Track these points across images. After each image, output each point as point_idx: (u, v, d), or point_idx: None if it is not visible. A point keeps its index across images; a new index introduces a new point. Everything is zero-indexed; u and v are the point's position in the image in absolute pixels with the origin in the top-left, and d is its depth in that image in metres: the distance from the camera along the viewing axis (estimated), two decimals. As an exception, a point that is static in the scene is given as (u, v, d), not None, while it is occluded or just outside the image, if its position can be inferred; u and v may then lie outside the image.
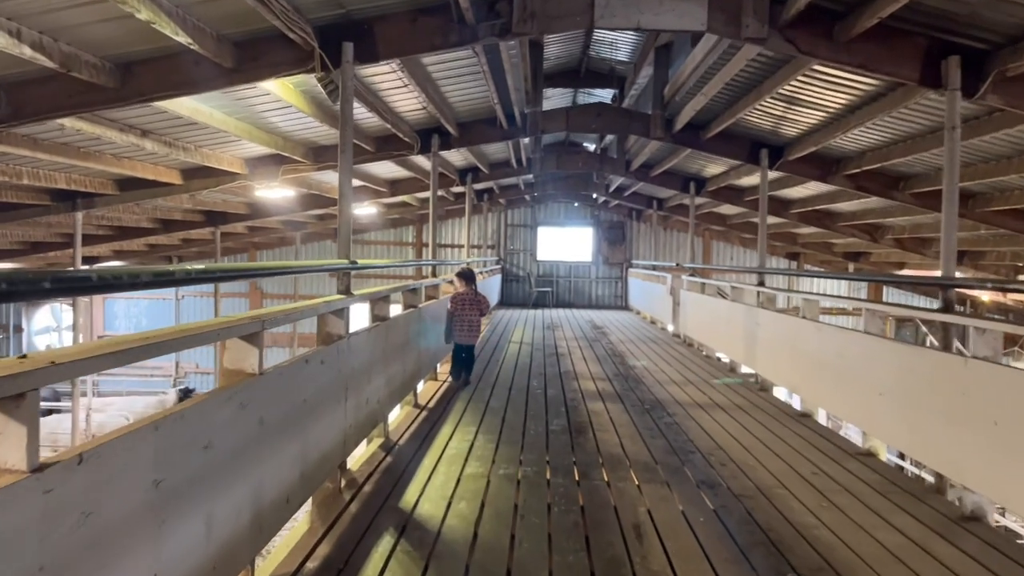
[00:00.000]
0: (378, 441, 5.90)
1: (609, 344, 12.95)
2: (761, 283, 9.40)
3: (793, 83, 7.21)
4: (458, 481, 4.91)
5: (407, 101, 8.35)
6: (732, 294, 10.19)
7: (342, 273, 5.10)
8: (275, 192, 10.11)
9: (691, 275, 13.43)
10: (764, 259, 9.78)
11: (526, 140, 11.00)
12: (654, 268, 17.99)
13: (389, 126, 8.52)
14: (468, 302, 8.46)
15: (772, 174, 10.00)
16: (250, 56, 5.46)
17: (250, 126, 7.96)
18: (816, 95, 7.68)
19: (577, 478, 5.06)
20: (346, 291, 5.08)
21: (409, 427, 6.57)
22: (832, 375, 6.65)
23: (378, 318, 5.96)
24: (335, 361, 4.44)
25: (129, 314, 22.68)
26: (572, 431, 6.48)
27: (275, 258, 22.04)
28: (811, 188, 11.96)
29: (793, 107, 8.25)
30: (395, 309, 6.75)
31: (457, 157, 12.64)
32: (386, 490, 4.67)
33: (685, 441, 6.24)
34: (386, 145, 9.59)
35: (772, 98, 8.00)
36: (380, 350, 5.78)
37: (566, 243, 22.33)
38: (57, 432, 16.47)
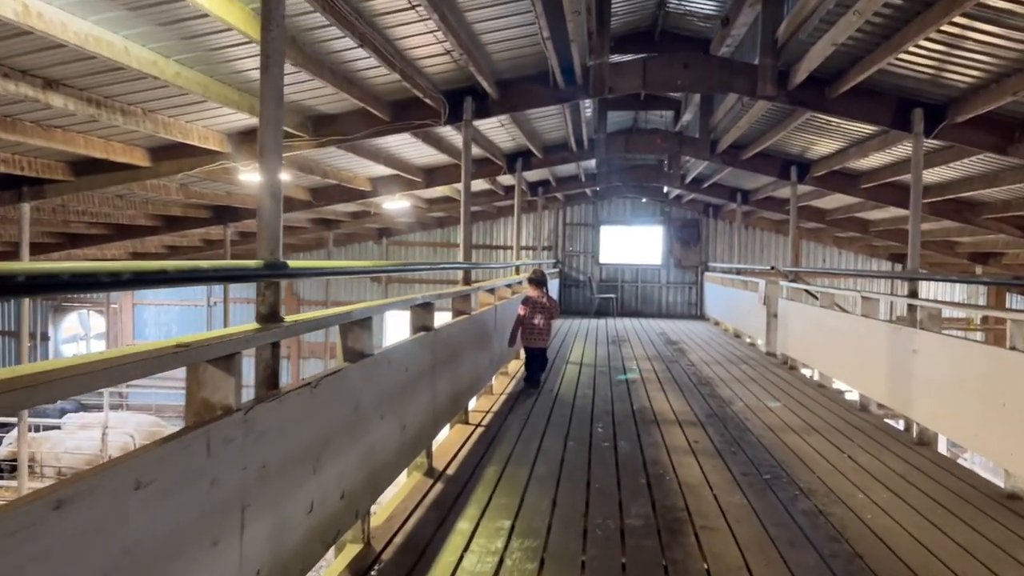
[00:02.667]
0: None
1: (690, 366, 10.47)
2: (913, 293, 6.82)
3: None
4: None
5: (425, 42, 6.13)
6: (863, 307, 7.61)
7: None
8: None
9: (792, 280, 10.84)
10: (916, 261, 7.19)
11: (588, 110, 8.70)
12: (738, 272, 15.35)
13: (405, 83, 6.30)
14: (538, 307, 8.02)
15: (927, 144, 7.35)
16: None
17: (212, 80, 5.85)
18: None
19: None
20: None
21: (402, 525, 4.28)
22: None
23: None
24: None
25: (159, 321, 21.23)
26: (660, 530, 4.11)
27: (306, 260, 20.20)
28: (956, 169, 9.25)
29: (971, 39, 5.69)
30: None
31: (502, 135, 10.37)
32: None
33: (851, 557, 3.79)
34: (405, 112, 7.40)
35: (943, 31, 5.50)
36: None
37: (632, 244, 19.83)
38: (58, 451, 14.88)
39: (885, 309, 17.11)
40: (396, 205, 13.32)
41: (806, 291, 10.20)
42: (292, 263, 2.96)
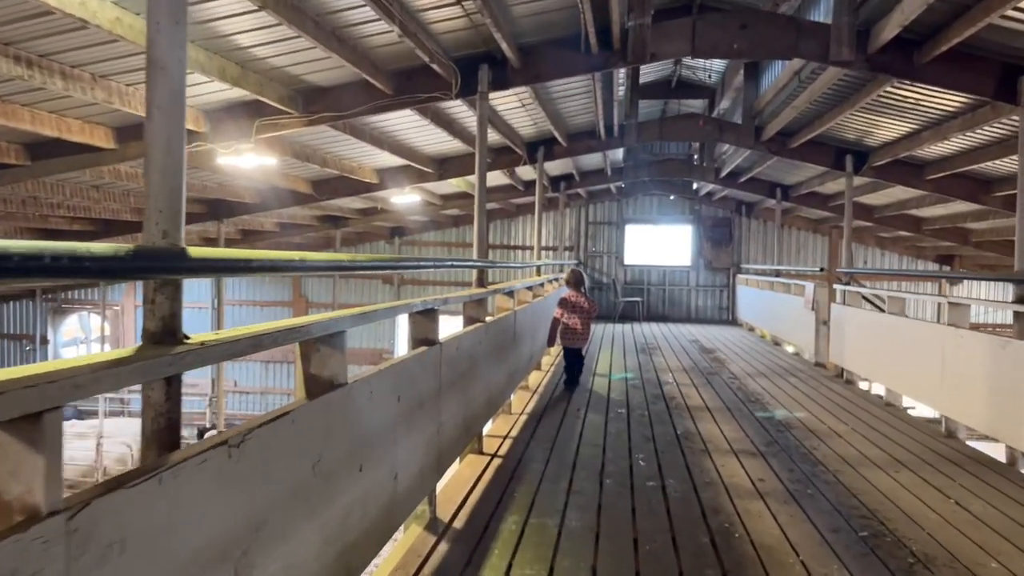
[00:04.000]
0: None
1: (733, 379, 9.31)
2: (1021, 299, 5.64)
3: None
4: None
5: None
6: (951, 315, 6.43)
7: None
8: (246, 160, 6.95)
9: (847, 283, 9.64)
10: None
11: (621, 88, 7.58)
12: (777, 274, 14.14)
13: (408, 41, 5.21)
14: (576, 308, 7.92)
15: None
16: None
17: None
18: None
19: None
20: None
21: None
22: None
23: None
24: None
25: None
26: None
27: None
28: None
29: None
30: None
31: (522, 118, 9.27)
32: None
33: None
34: (410, 84, 6.33)
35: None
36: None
37: (659, 244, 18.66)
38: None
39: (932, 313, 15.81)
40: (406, 199, 12.24)
41: (866, 298, 9.01)
42: (197, 251, 1.86)
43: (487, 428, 6.09)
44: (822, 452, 5.79)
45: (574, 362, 8.28)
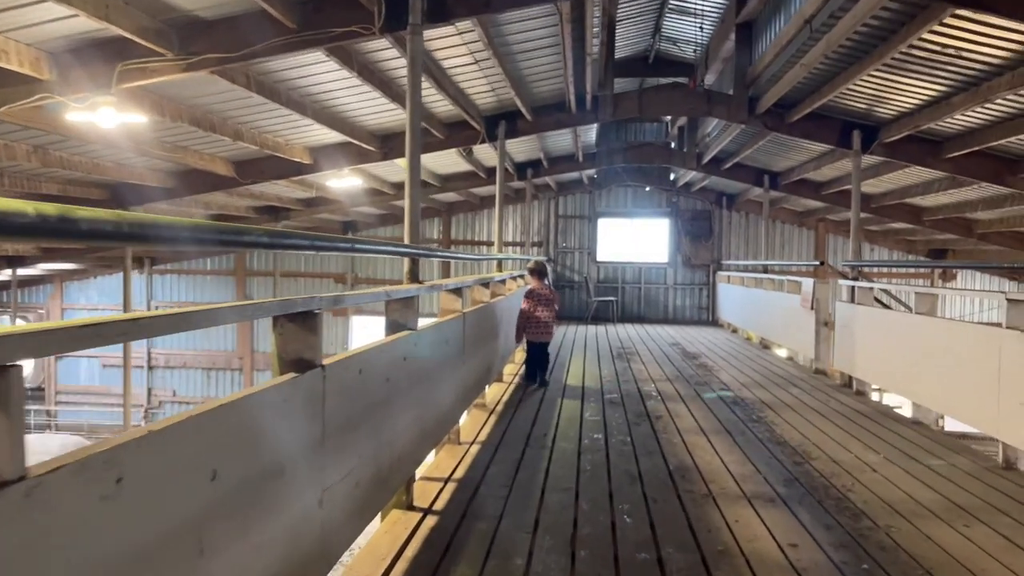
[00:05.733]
0: None
1: (724, 388, 7.98)
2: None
3: None
4: None
5: None
6: (1011, 315, 5.11)
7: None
8: (103, 116, 5.36)
9: (855, 279, 8.34)
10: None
11: (595, 43, 6.15)
12: (765, 270, 12.86)
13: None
14: (542, 299, 7.60)
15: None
16: None
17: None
18: None
19: None
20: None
21: None
22: None
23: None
24: None
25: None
26: None
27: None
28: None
29: None
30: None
31: (478, 82, 7.78)
32: None
33: None
34: (319, 16, 4.82)
35: None
36: None
37: (635, 239, 17.31)
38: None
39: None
40: (345, 184, 10.67)
41: (879, 300, 7.73)
42: None
43: (425, 464, 4.66)
44: (860, 495, 4.43)
45: (541, 357, 7.80)
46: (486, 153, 11.48)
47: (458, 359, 5.27)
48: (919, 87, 6.95)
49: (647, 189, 17.03)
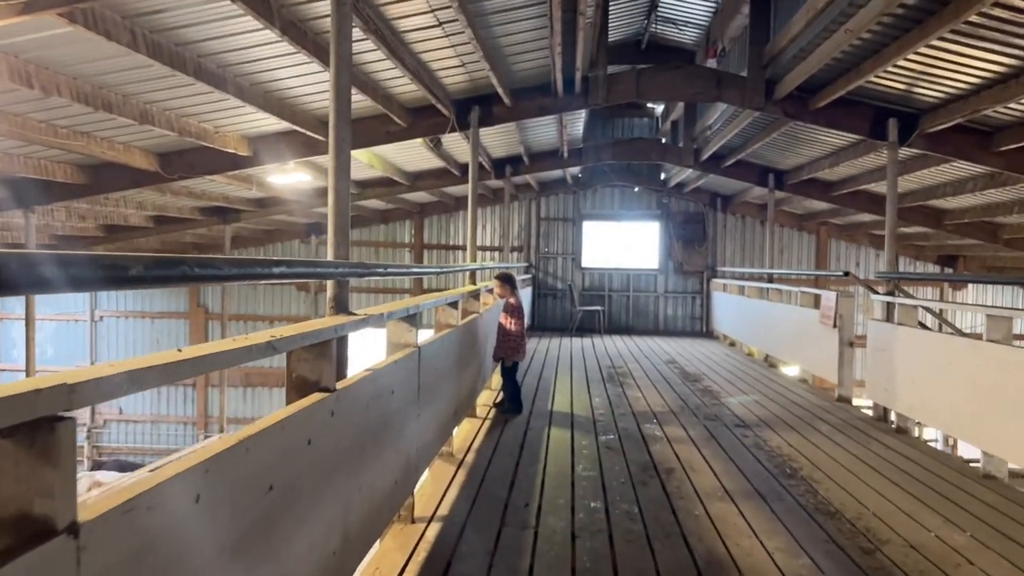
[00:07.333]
0: None
1: (740, 427, 6.68)
2: None
3: None
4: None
5: None
6: None
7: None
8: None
9: (890, 293, 7.07)
10: None
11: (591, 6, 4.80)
12: (771, 279, 11.60)
13: None
14: (516, 311, 6.84)
15: None
16: None
17: None
18: None
19: None
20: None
21: None
22: None
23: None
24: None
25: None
26: None
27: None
28: None
29: None
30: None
31: (445, 53, 6.38)
32: None
33: None
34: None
35: None
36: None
37: (622, 244, 16.00)
38: None
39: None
40: (290, 179, 9.18)
41: (923, 323, 6.47)
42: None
43: (363, 564, 3.30)
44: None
45: (512, 379, 7.01)
46: (459, 147, 10.11)
47: (411, 409, 3.90)
48: (978, 65, 5.67)
49: (636, 189, 15.73)
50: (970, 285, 14.90)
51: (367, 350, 5.13)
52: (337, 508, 2.66)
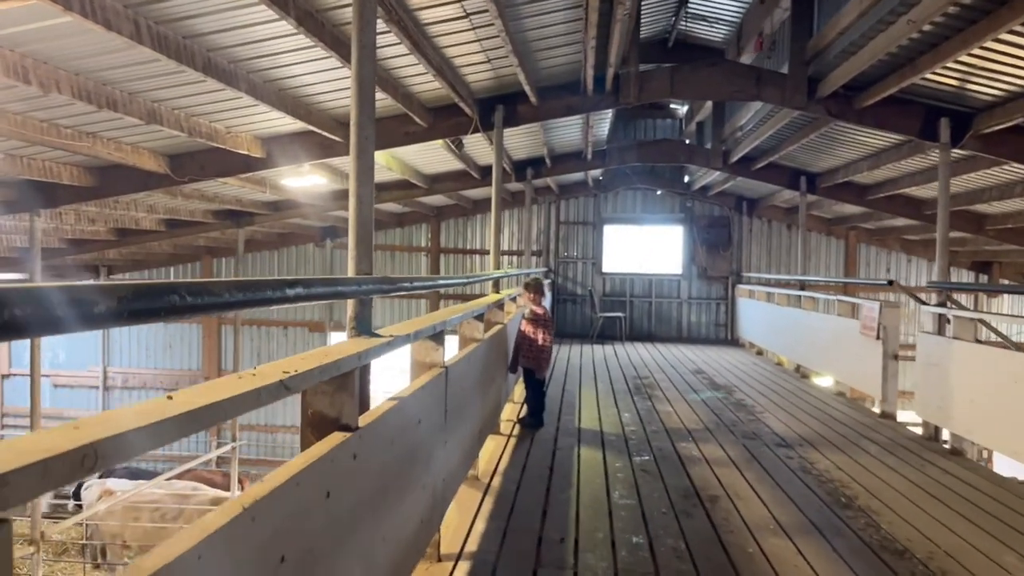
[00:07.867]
0: None
1: (783, 447, 6.25)
2: None
3: None
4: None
5: None
6: None
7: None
8: None
9: (942, 304, 6.62)
10: None
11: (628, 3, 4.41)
12: (802, 286, 11.15)
13: None
14: (541, 320, 6.40)
15: None
16: None
17: None
18: None
19: None
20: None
21: None
22: None
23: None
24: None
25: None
26: None
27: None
28: None
29: None
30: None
31: (471, 47, 6.02)
32: None
33: None
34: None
35: None
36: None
37: (644, 248, 15.58)
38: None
39: None
40: (305, 183, 8.84)
41: (980, 339, 6.02)
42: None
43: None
44: None
45: (540, 390, 6.69)
46: (479, 148, 9.73)
47: (438, 437, 3.52)
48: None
49: (659, 193, 15.31)
50: (1005, 295, 14.35)
51: (382, 361, 4.74)
52: (358, 569, 2.28)
